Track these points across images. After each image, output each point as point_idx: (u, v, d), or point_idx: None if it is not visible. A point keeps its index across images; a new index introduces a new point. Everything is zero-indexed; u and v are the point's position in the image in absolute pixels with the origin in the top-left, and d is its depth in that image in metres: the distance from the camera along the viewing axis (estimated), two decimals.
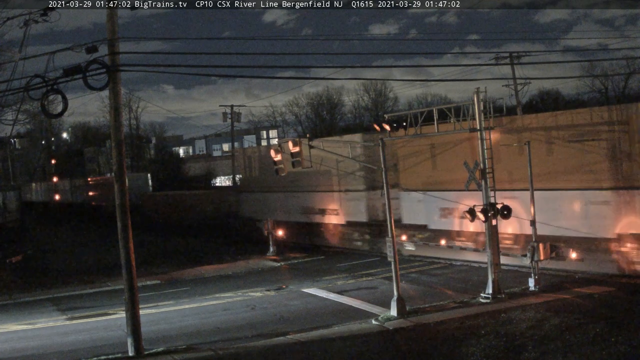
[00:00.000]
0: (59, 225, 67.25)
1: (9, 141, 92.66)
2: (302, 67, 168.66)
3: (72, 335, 22.17)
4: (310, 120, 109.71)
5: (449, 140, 28.82)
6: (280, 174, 25.61)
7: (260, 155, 46.45)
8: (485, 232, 23.15)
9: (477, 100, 22.88)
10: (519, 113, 47.62)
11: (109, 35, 18.15)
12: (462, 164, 24.22)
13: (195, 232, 50.25)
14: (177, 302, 26.22)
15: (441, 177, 30.80)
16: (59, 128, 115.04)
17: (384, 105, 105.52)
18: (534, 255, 23.02)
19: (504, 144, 26.18)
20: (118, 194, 19.03)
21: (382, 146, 22.59)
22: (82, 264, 37.53)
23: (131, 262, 18.89)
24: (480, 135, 23.07)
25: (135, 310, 18.80)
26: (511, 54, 50.88)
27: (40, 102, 17.50)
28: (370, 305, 23.25)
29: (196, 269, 33.99)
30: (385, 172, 22.38)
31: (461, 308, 21.62)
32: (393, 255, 21.69)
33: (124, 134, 20.42)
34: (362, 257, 33.88)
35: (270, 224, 37.00)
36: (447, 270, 29.06)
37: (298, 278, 29.99)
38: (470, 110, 23.24)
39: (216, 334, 20.90)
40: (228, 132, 75.81)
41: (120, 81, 18.83)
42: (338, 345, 18.69)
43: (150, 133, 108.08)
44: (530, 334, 18.11)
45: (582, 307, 20.38)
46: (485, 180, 22.79)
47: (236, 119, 64.84)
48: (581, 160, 25.20)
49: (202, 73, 56.04)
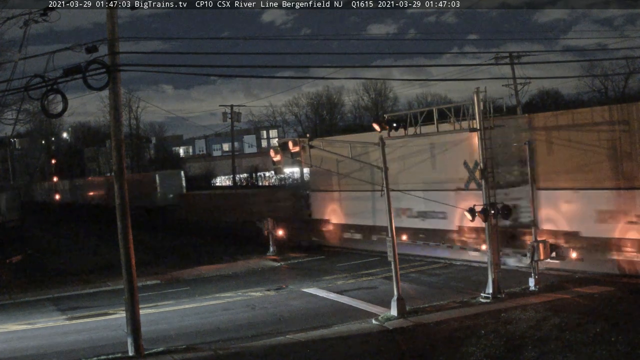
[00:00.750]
0: (59, 225, 67.25)
1: (9, 141, 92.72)
2: (301, 67, 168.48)
3: (72, 335, 22.17)
4: (310, 120, 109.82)
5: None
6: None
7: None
8: (485, 231, 23.16)
9: (477, 100, 22.88)
10: (519, 113, 47.61)
11: (109, 35, 18.15)
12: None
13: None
14: (177, 302, 26.22)
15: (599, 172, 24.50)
16: (59, 128, 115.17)
17: (383, 105, 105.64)
18: (534, 255, 23.03)
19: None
20: (118, 193, 19.01)
21: (382, 146, 22.58)
22: (82, 264, 37.50)
23: (131, 262, 18.89)
24: (480, 135, 23.08)
25: (135, 310, 18.80)
26: (511, 54, 50.93)
27: (40, 102, 17.50)
28: (370, 305, 23.25)
29: (196, 269, 33.98)
30: (386, 172, 22.37)
31: (461, 308, 21.61)
32: (393, 255, 21.68)
33: (124, 134, 20.40)
34: (362, 257, 33.86)
35: (270, 224, 36.89)
36: (447, 270, 29.06)
37: (298, 278, 29.99)
38: (470, 110, 23.25)
39: (216, 334, 20.89)
40: (228, 132, 75.87)
41: (120, 81, 18.84)
42: (338, 345, 18.69)
43: (150, 133, 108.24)
44: (530, 334, 18.11)
45: (582, 307, 20.37)
46: (485, 179, 22.79)
47: (236, 118, 64.82)
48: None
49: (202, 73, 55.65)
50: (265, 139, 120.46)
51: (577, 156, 24.92)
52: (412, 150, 31.49)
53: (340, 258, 34.68)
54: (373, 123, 24.28)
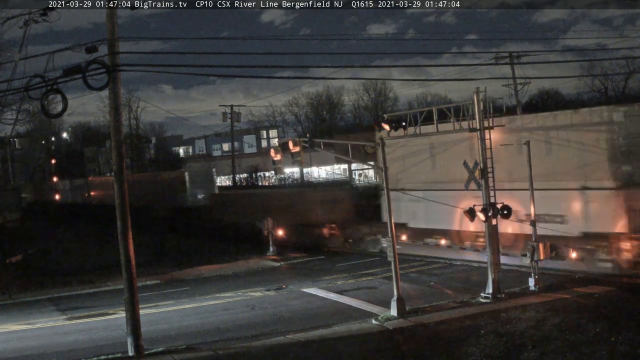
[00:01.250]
0: (59, 225, 67.22)
1: (9, 141, 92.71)
2: (301, 67, 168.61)
3: (71, 335, 22.16)
4: (310, 120, 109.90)
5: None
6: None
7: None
8: (485, 231, 23.16)
9: (477, 100, 22.88)
10: (518, 113, 47.59)
11: (109, 35, 18.14)
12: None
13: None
14: (177, 302, 26.22)
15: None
16: (59, 128, 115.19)
17: (383, 105, 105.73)
18: (533, 255, 23.03)
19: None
20: (118, 193, 19.00)
21: (382, 146, 22.58)
22: (82, 264, 37.49)
23: (131, 262, 18.88)
24: (480, 135, 23.07)
25: (135, 310, 18.79)
26: (511, 54, 50.90)
27: (40, 102, 17.50)
28: (370, 305, 23.24)
29: (196, 269, 33.97)
30: (386, 171, 22.37)
31: (461, 308, 21.61)
32: (393, 255, 21.69)
33: (124, 134, 20.40)
34: (361, 257, 33.86)
35: (270, 224, 36.84)
36: (447, 270, 29.06)
37: (298, 278, 29.99)
38: (470, 110, 23.25)
39: (216, 334, 20.89)
40: (228, 132, 75.84)
41: (120, 81, 18.83)
42: (338, 345, 18.69)
43: (150, 133, 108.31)
44: (530, 334, 18.11)
45: (582, 307, 20.37)
46: (486, 179, 22.79)
47: (236, 118, 64.75)
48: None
49: (202, 73, 55.12)
50: (265, 139, 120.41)
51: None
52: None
53: (340, 258, 34.67)
54: (374, 123, 24.17)
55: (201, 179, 56.51)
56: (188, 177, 57.02)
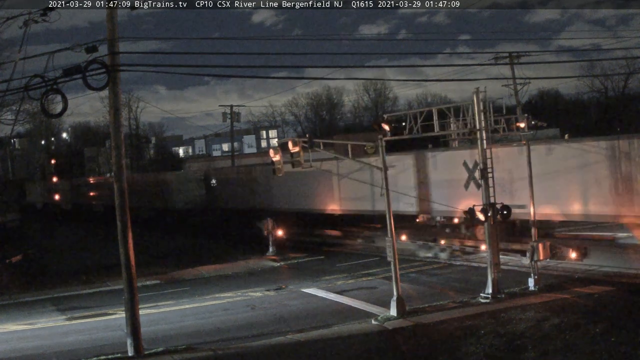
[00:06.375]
0: (59, 225, 67.21)
1: (9, 141, 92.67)
2: (296, 67, 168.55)
3: (71, 335, 22.16)
4: (309, 120, 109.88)
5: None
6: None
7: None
8: (485, 231, 23.15)
9: (477, 100, 22.87)
10: (518, 113, 47.56)
11: (109, 35, 18.14)
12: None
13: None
14: (177, 302, 26.21)
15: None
16: (59, 128, 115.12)
17: (383, 105, 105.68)
18: (533, 255, 23.02)
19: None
20: (117, 193, 19.01)
21: (381, 146, 22.57)
22: (82, 264, 37.48)
23: (131, 262, 18.88)
24: (479, 135, 23.06)
25: (135, 310, 18.80)
26: (510, 54, 50.88)
27: (40, 102, 17.51)
28: (370, 305, 23.24)
29: (196, 269, 33.94)
30: (385, 172, 22.37)
31: (461, 308, 21.62)
32: (393, 255, 21.68)
33: (124, 134, 20.40)
34: (361, 257, 33.85)
35: (270, 224, 36.86)
36: (447, 270, 29.06)
37: (298, 278, 29.98)
38: (469, 110, 23.24)
39: (216, 334, 20.89)
40: (227, 132, 75.81)
41: (120, 81, 18.83)
42: (338, 345, 18.69)
43: (149, 133, 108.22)
44: (530, 334, 18.11)
45: (582, 307, 20.38)
46: (487, 179, 22.78)
47: (236, 119, 64.72)
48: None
49: (201, 73, 55.20)
50: (265, 139, 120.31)
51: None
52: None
53: (340, 258, 34.66)
54: (382, 124, 23.91)
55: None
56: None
